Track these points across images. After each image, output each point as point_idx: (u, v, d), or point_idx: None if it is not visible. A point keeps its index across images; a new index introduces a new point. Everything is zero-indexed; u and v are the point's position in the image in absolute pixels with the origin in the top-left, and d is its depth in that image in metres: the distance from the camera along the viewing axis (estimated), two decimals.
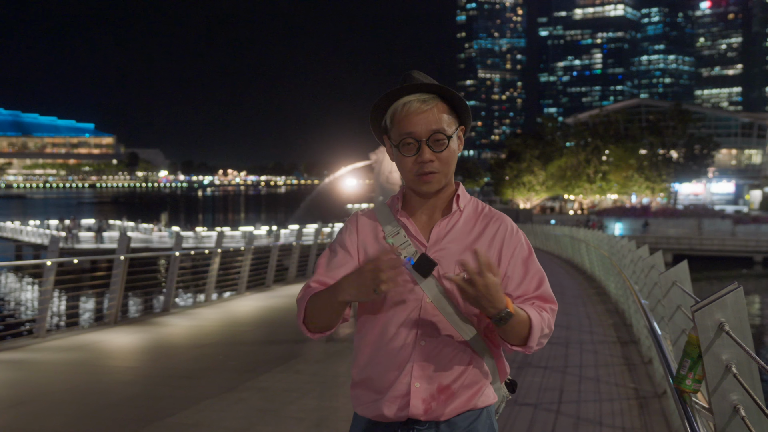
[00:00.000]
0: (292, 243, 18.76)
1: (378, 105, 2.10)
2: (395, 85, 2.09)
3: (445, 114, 2.06)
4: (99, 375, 7.32)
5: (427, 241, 2.09)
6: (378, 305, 2.07)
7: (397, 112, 2.06)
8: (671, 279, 4.23)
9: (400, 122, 2.06)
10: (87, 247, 40.55)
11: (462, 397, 2.04)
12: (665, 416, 5.67)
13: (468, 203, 2.15)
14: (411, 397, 2.01)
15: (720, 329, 2.10)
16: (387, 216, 2.15)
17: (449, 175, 2.09)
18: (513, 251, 2.09)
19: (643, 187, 73.64)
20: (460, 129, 2.12)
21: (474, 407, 2.06)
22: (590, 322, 11.24)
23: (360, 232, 2.16)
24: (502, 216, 2.15)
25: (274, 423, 5.46)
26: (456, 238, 2.08)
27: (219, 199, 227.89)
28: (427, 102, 2.04)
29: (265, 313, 12.30)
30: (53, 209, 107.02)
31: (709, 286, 31.28)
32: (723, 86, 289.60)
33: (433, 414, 2.02)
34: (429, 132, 2.03)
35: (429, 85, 2.05)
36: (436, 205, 2.13)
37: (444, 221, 2.10)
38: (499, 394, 2.17)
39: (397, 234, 2.10)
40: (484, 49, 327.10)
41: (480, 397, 2.07)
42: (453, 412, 2.03)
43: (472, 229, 2.11)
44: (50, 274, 9.59)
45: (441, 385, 2.02)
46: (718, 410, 2.11)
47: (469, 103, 2.11)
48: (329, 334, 2.13)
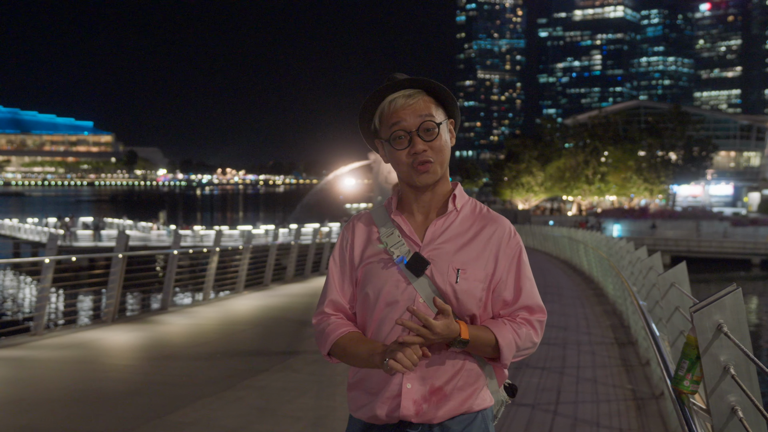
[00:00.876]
0: (291, 242, 18.76)
1: (365, 108, 2.12)
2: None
3: (432, 105, 2.07)
4: (97, 373, 7.32)
5: (422, 240, 2.08)
6: (372, 305, 2.07)
7: (384, 110, 2.08)
8: (670, 280, 4.23)
9: (388, 119, 2.07)
10: (85, 245, 40.52)
11: (455, 400, 2.02)
12: (663, 417, 5.67)
13: (466, 203, 2.14)
14: (402, 398, 1.99)
15: (718, 330, 2.10)
16: (383, 217, 2.15)
17: (444, 166, 2.08)
18: (508, 256, 2.09)
19: (641, 189, 73.68)
20: (450, 122, 2.12)
21: (468, 410, 2.04)
22: (588, 323, 11.24)
23: (355, 239, 2.16)
24: (500, 218, 2.14)
25: (271, 422, 5.46)
26: (451, 238, 2.07)
27: (217, 198, 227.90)
28: (412, 96, 2.06)
29: (263, 312, 12.30)
30: (51, 207, 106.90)
31: (708, 288, 31.31)
32: (722, 88, 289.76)
33: (425, 416, 2.00)
34: (418, 121, 2.04)
35: (412, 79, 2.06)
36: (431, 204, 2.12)
37: (440, 220, 2.09)
38: (497, 398, 2.15)
39: (391, 234, 2.09)
40: (483, 50, 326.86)
41: (475, 399, 2.05)
42: (446, 414, 2.01)
43: (468, 230, 2.09)
44: (48, 271, 9.58)
45: (433, 387, 2.01)
46: (716, 411, 2.11)
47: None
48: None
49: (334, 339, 2.08)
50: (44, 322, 9.44)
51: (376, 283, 2.06)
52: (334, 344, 2.08)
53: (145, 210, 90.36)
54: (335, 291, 2.16)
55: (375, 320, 2.06)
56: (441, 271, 2.02)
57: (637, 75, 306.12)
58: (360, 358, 2.03)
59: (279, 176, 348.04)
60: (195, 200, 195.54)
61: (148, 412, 5.72)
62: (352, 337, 2.08)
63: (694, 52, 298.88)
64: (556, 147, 78.71)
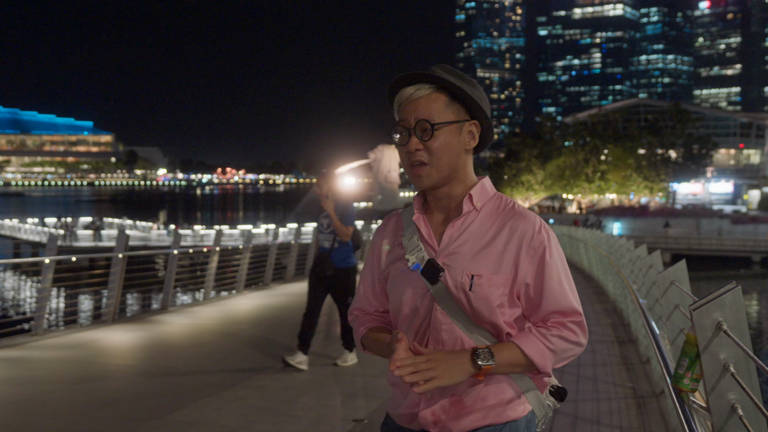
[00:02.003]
0: (291, 241, 18.74)
1: (389, 96, 2.06)
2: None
3: (442, 104, 1.96)
4: (97, 373, 7.31)
5: (439, 244, 1.98)
6: (397, 311, 2.03)
7: (396, 102, 2.03)
8: (669, 278, 4.23)
9: (397, 111, 2.02)
10: (85, 245, 40.54)
11: (478, 412, 1.92)
12: (663, 415, 5.68)
13: (489, 201, 2.01)
14: (420, 407, 1.95)
15: (718, 328, 2.09)
16: (409, 218, 2.07)
17: (443, 170, 1.96)
18: (531, 257, 1.93)
19: (641, 187, 73.69)
20: (472, 123, 2.01)
21: (493, 422, 1.92)
22: (588, 321, 11.16)
23: (383, 241, 2.13)
24: (527, 213, 1.97)
25: (272, 421, 5.45)
26: (468, 240, 1.95)
27: (217, 197, 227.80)
28: (420, 90, 1.97)
29: (264, 312, 12.29)
30: (51, 207, 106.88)
31: (708, 286, 31.30)
32: (722, 86, 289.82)
33: (445, 427, 1.92)
34: (415, 120, 1.95)
35: (425, 74, 1.97)
36: (449, 204, 2.02)
37: (458, 222, 1.98)
38: (540, 405, 2.00)
39: (411, 238, 2.02)
40: (483, 48, 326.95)
41: (500, 411, 1.93)
42: (467, 426, 1.91)
43: (488, 231, 1.96)
44: (48, 271, 9.57)
45: (453, 397, 1.93)
46: (716, 409, 2.11)
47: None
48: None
49: (360, 336, 2.12)
50: (44, 322, 9.43)
51: (399, 290, 2.01)
52: (362, 341, 2.12)
53: (146, 210, 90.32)
54: (365, 291, 2.17)
55: (402, 325, 2.01)
56: (455, 277, 1.92)
57: (636, 73, 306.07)
58: (380, 348, 2.04)
59: (279, 175, 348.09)
60: (195, 200, 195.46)
61: (148, 411, 5.72)
62: (368, 336, 2.09)
63: (693, 50, 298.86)
64: (556, 145, 78.72)
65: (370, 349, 2.08)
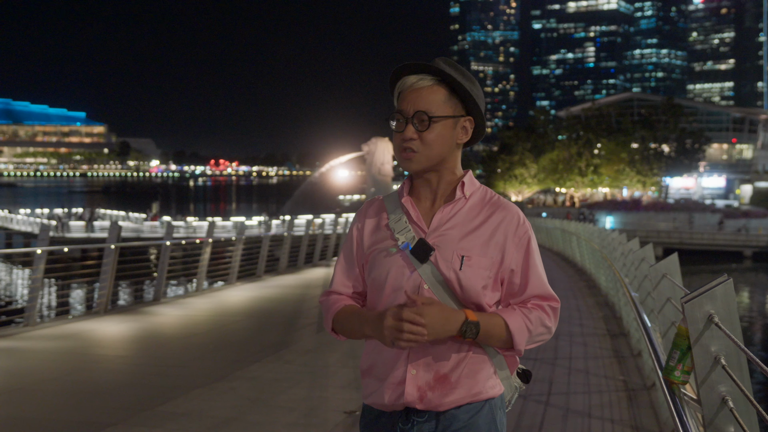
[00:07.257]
0: (283, 234, 18.74)
1: (390, 82, 2.13)
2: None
3: (441, 98, 2.05)
4: (89, 364, 7.30)
5: (428, 227, 2.07)
6: (379, 291, 2.08)
7: (397, 89, 2.11)
8: (661, 271, 4.24)
9: (397, 99, 2.10)
10: (77, 236, 40.39)
11: (461, 388, 2.00)
12: (654, 408, 5.70)
13: (476, 191, 2.12)
14: (406, 384, 1.99)
15: (709, 321, 2.10)
16: (394, 202, 2.15)
17: (433, 159, 2.06)
18: (516, 245, 2.06)
19: (634, 181, 73.86)
20: (466, 119, 2.11)
21: (476, 399, 2.01)
22: (580, 314, 11.28)
23: (365, 225, 2.18)
24: (510, 206, 2.10)
25: (263, 412, 5.46)
26: (457, 225, 2.06)
27: (210, 189, 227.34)
28: (422, 81, 2.06)
29: (256, 303, 12.29)
30: (44, 198, 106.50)
31: (699, 280, 31.41)
32: (715, 81, 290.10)
33: (431, 404, 1.99)
34: (414, 110, 2.04)
35: (431, 66, 2.05)
36: (439, 191, 2.11)
37: (447, 207, 2.08)
38: (509, 385, 2.12)
39: (399, 220, 2.10)
40: (477, 42, 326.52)
41: (483, 388, 2.03)
42: (452, 403, 1.99)
43: (475, 217, 2.07)
44: (40, 262, 9.55)
45: (438, 374, 1.99)
46: (707, 401, 2.12)
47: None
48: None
49: (333, 314, 2.13)
50: (36, 313, 9.42)
51: (382, 269, 2.06)
52: (334, 320, 2.13)
53: (138, 201, 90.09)
54: (340, 274, 2.20)
55: (382, 305, 2.05)
56: (445, 257, 2.01)
57: (630, 67, 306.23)
58: (354, 330, 2.07)
59: (272, 168, 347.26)
60: (188, 191, 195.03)
61: (140, 402, 5.71)
62: (346, 310, 2.11)
63: (687, 44, 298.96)
64: (550, 139, 78.87)
65: (344, 328, 2.11)
